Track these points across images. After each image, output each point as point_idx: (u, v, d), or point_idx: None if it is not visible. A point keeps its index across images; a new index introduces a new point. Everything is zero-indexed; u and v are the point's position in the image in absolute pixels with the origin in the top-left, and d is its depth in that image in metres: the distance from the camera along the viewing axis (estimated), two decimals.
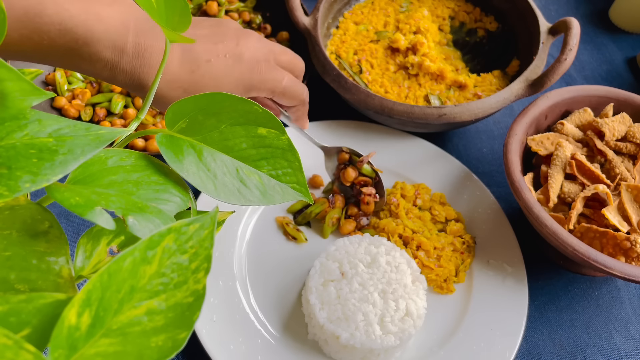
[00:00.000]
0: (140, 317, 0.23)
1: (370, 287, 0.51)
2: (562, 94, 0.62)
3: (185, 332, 0.23)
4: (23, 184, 0.23)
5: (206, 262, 0.25)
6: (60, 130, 0.25)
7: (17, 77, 0.22)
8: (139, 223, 0.26)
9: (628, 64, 0.83)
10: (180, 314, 0.24)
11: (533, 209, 0.52)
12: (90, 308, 0.22)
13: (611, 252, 0.52)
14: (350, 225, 0.62)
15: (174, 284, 0.24)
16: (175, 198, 0.30)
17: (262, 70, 0.51)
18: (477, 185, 0.65)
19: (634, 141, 0.58)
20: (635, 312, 0.59)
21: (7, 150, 0.23)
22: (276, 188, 0.34)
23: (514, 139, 0.58)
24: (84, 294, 0.22)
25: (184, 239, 0.25)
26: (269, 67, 0.52)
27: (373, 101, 0.63)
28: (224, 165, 0.32)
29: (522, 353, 0.56)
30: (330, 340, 0.51)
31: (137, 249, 0.23)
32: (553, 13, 0.90)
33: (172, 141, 0.31)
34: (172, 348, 0.23)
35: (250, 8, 0.82)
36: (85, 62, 0.43)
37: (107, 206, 0.26)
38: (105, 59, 0.43)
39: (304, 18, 0.69)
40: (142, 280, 0.23)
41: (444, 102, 0.69)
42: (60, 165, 0.24)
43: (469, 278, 0.59)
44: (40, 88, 0.23)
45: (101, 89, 0.70)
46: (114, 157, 0.30)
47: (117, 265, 0.23)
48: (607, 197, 0.54)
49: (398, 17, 0.77)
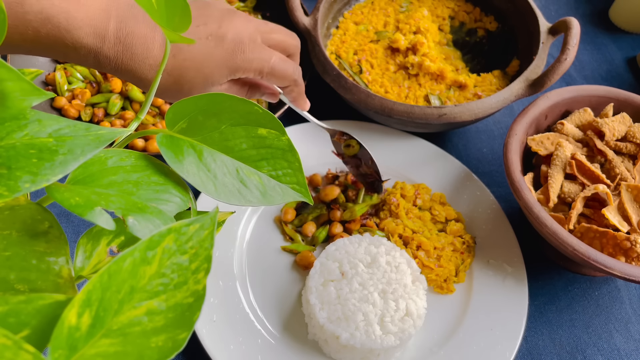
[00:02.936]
0: (140, 318, 0.23)
1: (370, 287, 0.51)
2: (562, 94, 0.62)
3: (185, 332, 0.23)
4: (23, 184, 0.23)
5: (206, 262, 0.25)
6: (60, 131, 0.25)
7: (17, 77, 0.22)
8: (139, 223, 0.26)
9: (628, 64, 0.83)
10: (180, 314, 0.24)
11: (533, 209, 0.52)
12: (91, 308, 0.22)
13: (611, 252, 0.52)
14: (338, 228, 0.62)
15: (174, 284, 0.24)
16: (175, 198, 0.30)
17: (246, 50, 0.49)
18: (477, 185, 0.65)
19: (634, 141, 0.58)
20: (635, 312, 0.59)
21: (7, 150, 0.23)
22: (276, 189, 0.34)
23: (514, 139, 0.58)
24: (84, 295, 0.22)
25: (184, 239, 0.25)
26: (254, 46, 0.49)
27: (373, 101, 0.63)
28: (224, 166, 0.32)
29: (522, 353, 0.56)
30: (330, 340, 0.51)
31: (137, 250, 0.23)
32: (553, 13, 0.90)
33: (172, 141, 0.31)
34: (172, 348, 0.23)
35: (251, 8, 0.82)
36: (70, 50, 0.43)
37: (107, 206, 0.26)
38: (88, 46, 0.43)
39: (304, 18, 0.69)
40: (142, 280, 0.23)
41: (444, 102, 0.69)
42: (60, 166, 0.24)
43: (469, 278, 0.59)
44: (40, 88, 0.23)
45: (101, 89, 0.70)
46: (113, 158, 0.30)
47: (117, 266, 0.23)
48: (607, 197, 0.54)
49: (398, 17, 0.77)
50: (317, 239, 0.61)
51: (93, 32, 0.43)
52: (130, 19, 0.44)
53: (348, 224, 0.62)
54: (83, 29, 0.42)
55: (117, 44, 0.44)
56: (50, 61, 0.72)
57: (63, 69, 0.70)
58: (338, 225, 0.62)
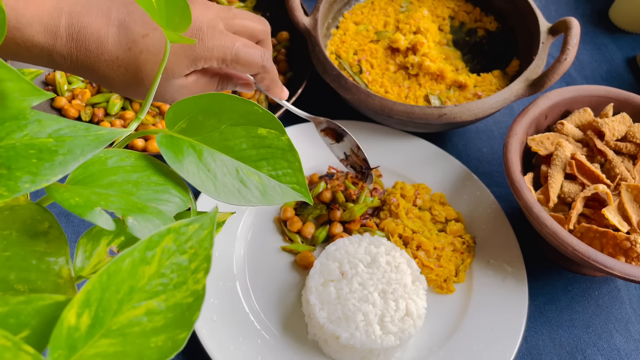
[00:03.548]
0: (139, 318, 0.23)
1: (370, 287, 0.51)
2: (562, 93, 0.62)
3: (185, 332, 0.23)
4: (23, 184, 0.23)
5: (206, 262, 0.25)
6: (60, 131, 0.25)
7: (17, 77, 0.22)
8: (138, 223, 0.26)
9: (628, 64, 0.83)
10: (179, 314, 0.24)
11: (533, 209, 0.52)
12: (90, 308, 0.22)
13: (611, 252, 0.52)
14: (338, 228, 0.62)
15: (173, 284, 0.24)
16: (175, 199, 0.30)
17: (204, 37, 0.46)
18: (477, 185, 0.65)
19: (634, 141, 0.58)
20: (635, 312, 0.59)
21: (7, 151, 0.23)
22: (276, 188, 0.34)
23: (514, 139, 0.58)
24: (83, 295, 0.22)
25: (183, 239, 0.25)
26: (214, 33, 0.47)
27: (373, 101, 0.63)
28: (224, 166, 0.32)
29: (522, 353, 0.56)
30: (330, 340, 0.51)
31: (137, 250, 0.23)
32: (553, 13, 0.90)
33: (172, 141, 0.31)
34: (171, 348, 0.23)
35: (251, 8, 0.82)
36: (22, 50, 0.42)
37: (107, 206, 0.26)
38: (40, 44, 0.42)
39: (304, 18, 0.69)
40: (141, 280, 0.23)
41: (444, 102, 0.69)
42: (59, 166, 0.24)
43: (469, 278, 0.59)
44: (40, 88, 0.23)
45: (100, 89, 0.70)
46: (113, 158, 0.30)
47: (117, 266, 0.23)
48: (607, 197, 0.54)
49: (398, 17, 0.77)
50: (317, 239, 0.61)
51: (44, 29, 0.41)
52: (83, 14, 0.42)
53: (348, 224, 0.62)
54: (33, 26, 0.41)
55: (69, 41, 0.42)
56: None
57: None
58: (338, 225, 0.62)
